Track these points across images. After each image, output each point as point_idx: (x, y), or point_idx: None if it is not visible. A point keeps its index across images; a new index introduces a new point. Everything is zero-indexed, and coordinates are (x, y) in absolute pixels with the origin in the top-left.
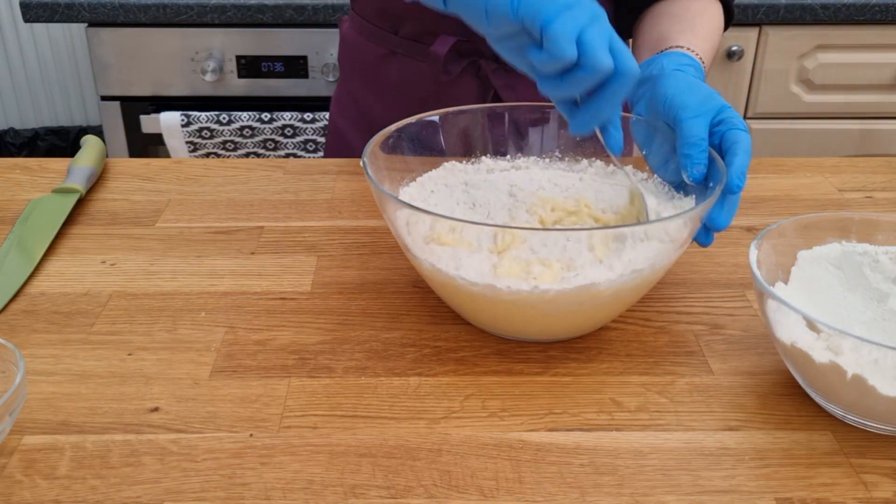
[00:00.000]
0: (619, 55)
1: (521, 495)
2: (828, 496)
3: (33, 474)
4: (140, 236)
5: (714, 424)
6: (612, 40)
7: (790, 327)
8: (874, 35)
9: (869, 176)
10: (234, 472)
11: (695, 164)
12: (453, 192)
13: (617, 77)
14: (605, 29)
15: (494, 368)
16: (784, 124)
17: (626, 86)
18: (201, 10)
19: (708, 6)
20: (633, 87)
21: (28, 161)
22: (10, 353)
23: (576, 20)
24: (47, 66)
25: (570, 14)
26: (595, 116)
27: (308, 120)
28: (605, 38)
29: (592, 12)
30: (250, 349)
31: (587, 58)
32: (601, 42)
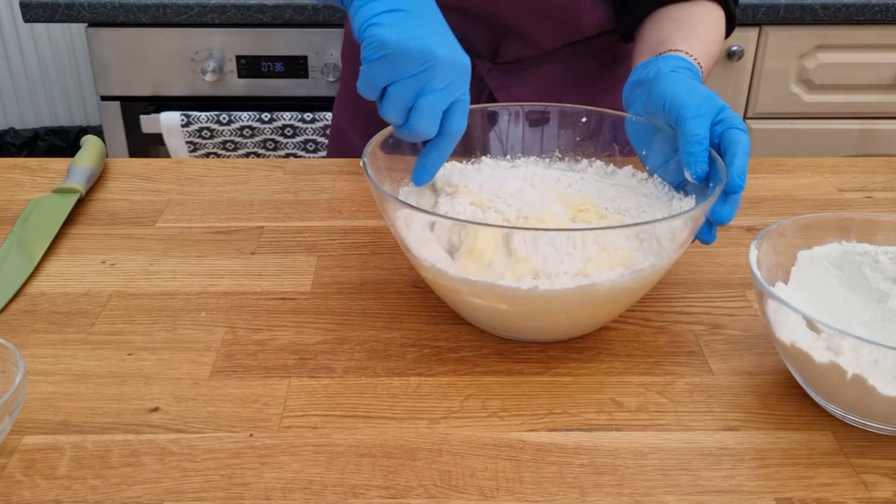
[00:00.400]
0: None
1: (521, 495)
2: (828, 496)
3: (33, 474)
4: (140, 236)
5: (714, 424)
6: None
7: (790, 327)
8: (874, 35)
9: (869, 176)
10: (234, 472)
11: (698, 163)
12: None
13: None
14: (433, 99)
15: (494, 368)
16: (784, 124)
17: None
18: (201, 10)
19: (710, 12)
20: (629, 89)
21: (28, 161)
22: (10, 353)
23: (405, 92)
24: (47, 66)
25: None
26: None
27: (308, 120)
28: (436, 106)
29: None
30: (250, 349)
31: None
32: (433, 110)
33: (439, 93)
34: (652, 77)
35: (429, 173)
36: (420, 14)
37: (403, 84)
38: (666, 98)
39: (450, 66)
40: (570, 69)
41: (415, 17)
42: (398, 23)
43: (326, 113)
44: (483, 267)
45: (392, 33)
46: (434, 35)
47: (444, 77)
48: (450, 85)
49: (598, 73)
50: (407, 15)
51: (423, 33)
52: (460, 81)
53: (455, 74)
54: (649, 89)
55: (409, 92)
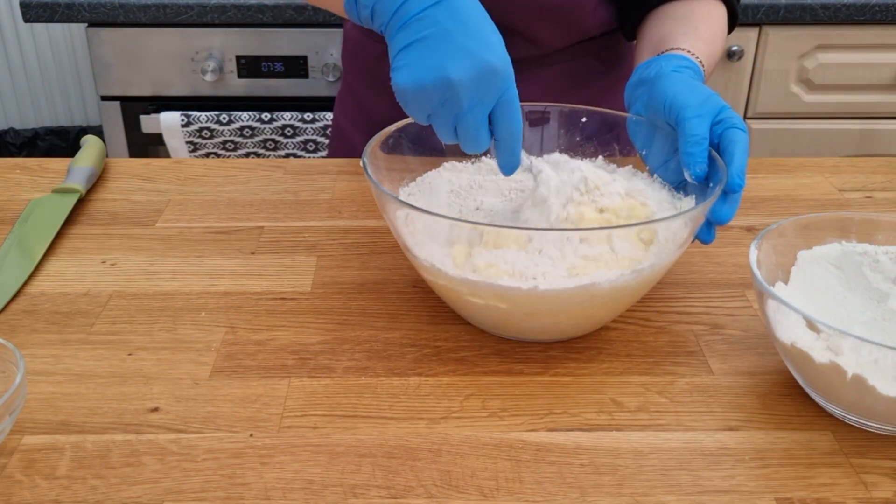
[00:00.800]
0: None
1: (521, 495)
2: (828, 496)
3: (33, 474)
4: (140, 236)
5: (714, 424)
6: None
7: (790, 327)
8: (874, 35)
9: (869, 176)
10: (234, 472)
11: (697, 163)
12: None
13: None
14: (473, 115)
15: (494, 368)
16: (784, 124)
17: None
18: (201, 10)
19: (712, 9)
20: (631, 88)
21: (28, 161)
22: (10, 353)
23: (446, 119)
24: (47, 66)
25: (441, 111)
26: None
27: (308, 120)
28: (471, 126)
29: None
30: (250, 349)
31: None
32: (471, 130)
33: (469, 114)
34: (653, 76)
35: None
36: (441, 34)
37: (437, 116)
38: (666, 98)
39: (474, 82)
40: (572, 69)
41: (433, 41)
42: (412, 61)
43: (326, 113)
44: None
45: (406, 77)
46: (453, 55)
47: (469, 95)
48: (480, 100)
49: (600, 73)
50: (423, 45)
51: (439, 61)
52: (493, 88)
53: (486, 85)
54: (651, 89)
55: (447, 119)
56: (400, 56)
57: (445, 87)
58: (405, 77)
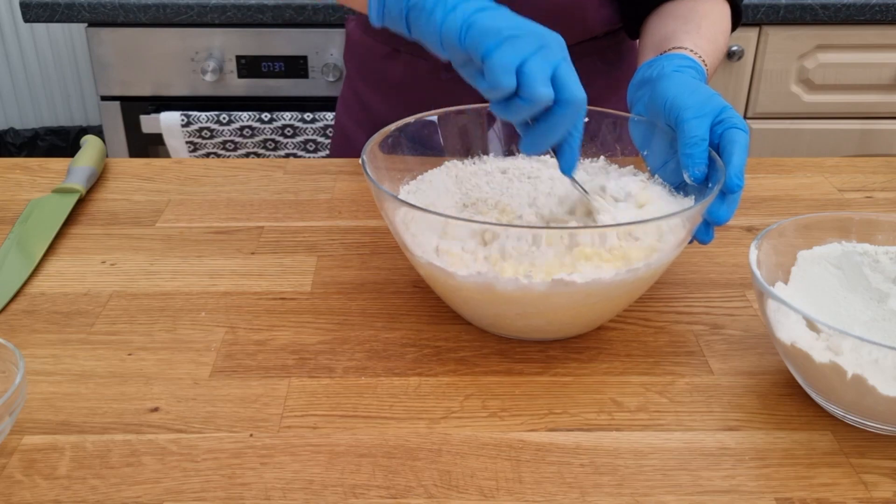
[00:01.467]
0: (564, 85)
1: (521, 495)
2: (828, 496)
3: (33, 474)
4: (140, 236)
5: (714, 424)
6: (558, 69)
7: (790, 327)
8: (874, 35)
9: (869, 176)
10: (234, 472)
11: (696, 164)
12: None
13: (560, 105)
14: (549, 59)
15: (494, 368)
16: (784, 124)
17: (570, 114)
18: (201, 10)
19: (715, 7)
20: (633, 88)
21: (28, 161)
22: (10, 353)
23: (517, 51)
24: (47, 66)
25: (510, 45)
26: (541, 141)
27: (308, 120)
28: (545, 69)
29: (539, 42)
30: (250, 349)
31: (525, 88)
32: (540, 73)
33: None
34: (655, 76)
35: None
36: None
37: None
38: (667, 98)
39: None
40: (575, 69)
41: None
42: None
43: (326, 113)
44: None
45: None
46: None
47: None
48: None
49: (602, 72)
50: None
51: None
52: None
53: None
54: (652, 89)
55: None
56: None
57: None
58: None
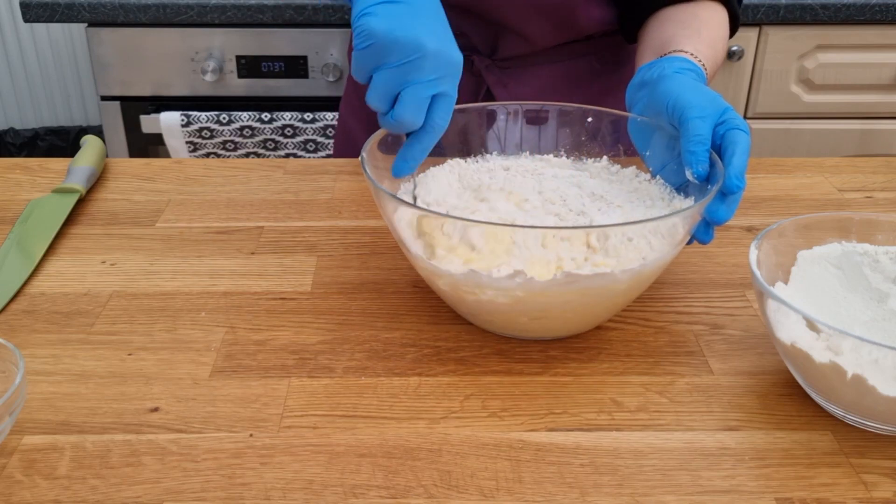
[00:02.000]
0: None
1: (521, 495)
2: (828, 496)
3: (33, 474)
4: (140, 236)
5: (714, 424)
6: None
7: (790, 327)
8: (874, 35)
9: (869, 176)
10: (234, 472)
11: (699, 162)
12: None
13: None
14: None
15: (494, 368)
16: (784, 124)
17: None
18: (201, 10)
19: (714, 13)
20: (632, 89)
21: (28, 161)
22: (10, 353)
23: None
24: (47, 66)
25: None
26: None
27: (308, 120)
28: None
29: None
30: (250, 349)
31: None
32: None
33: (425, 84)
34: (656, 78)
35: (408, 166)
36: (417, 7)
37: (389, 73)
38: (670, 98)
39: (439, 59)
40: (570, 68)
41: (410, 8)
42: (391, 14)
43: (326, 113)
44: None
45: (381, 23)
46: (427, 28)
47: (432, 69)
48: (438, 78)
49: (599, 73)
50: (402, 6)
51: (415, 25)
52: (449, 77)
53: (444, 69)
54: (653, 89)
55: (395, 81)
56: (378, 7)
57: (415, 49)
58: (382, 24)
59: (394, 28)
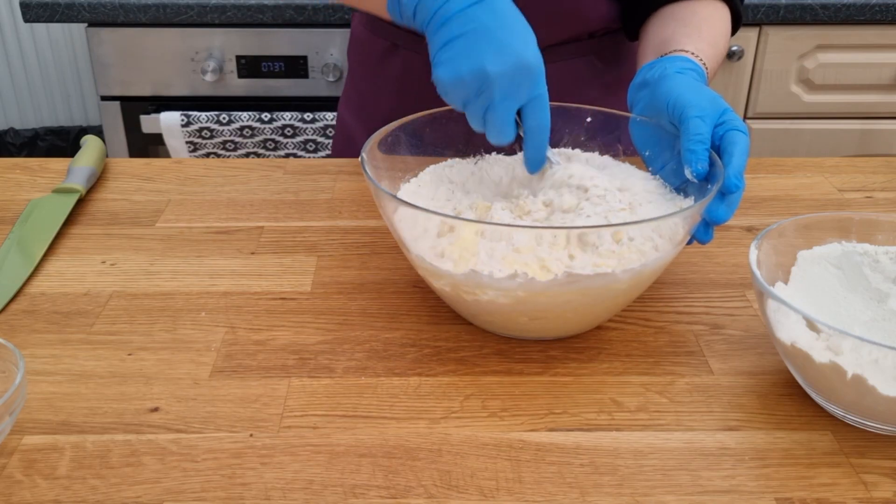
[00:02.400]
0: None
1: (521, 495)
2: (828, 496)
3: (33, 474)
4: (140, 236)
5: (714, 424)
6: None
7: (790, 327)
8: (874, 35)
9: (869, 176)
10: (234, 472)
11: (699, 160)
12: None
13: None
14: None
15: (494, 368)
16: (784, 124)
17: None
18: (201, 10)
19: (716, 11)
20: (633, 90)
21: (28, 161)
22: (10, 353)
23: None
24: (47, 66)
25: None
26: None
27: (308, 120)
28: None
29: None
30: (250, 349)
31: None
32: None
33: (501, 105)
34: (657, 78)
35: (535, 166)
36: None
37: (471, 107)
38: (670, 97)
39: (508, 76)
40: (573, 68)
41: (473, 37)
42: (453, 56)
43: (326, 113)
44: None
45: (446, 71)
46: (490, 48)
47: (503, 89)
48: (512, 94)
49: (600, 72)
50: (464, 40)
51: (477, 54)
52: (526, 84)
53: (519, 80)
54: (654, 89)
55: (478, 111)
56: (442, 51)
57: (482, 78)
58: (445, 72)
59: (457, 70)
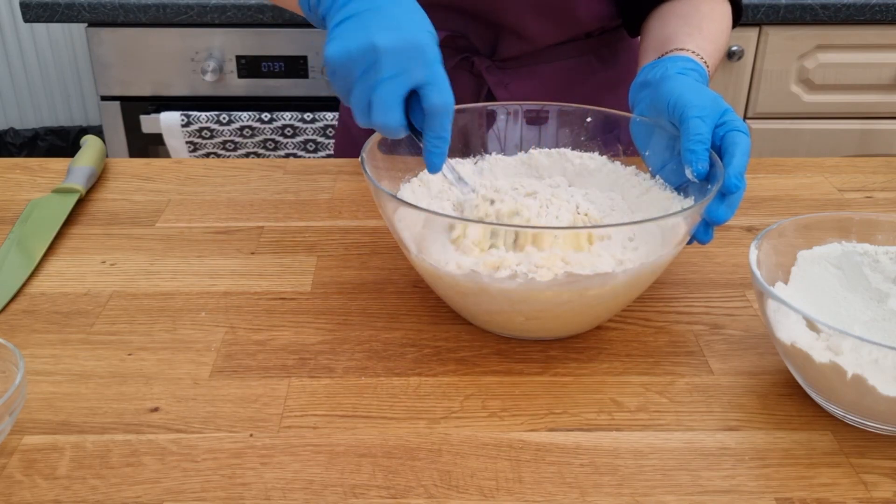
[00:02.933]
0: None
1: (521, 495)
2: (828, 496)
3: (33, 474)
4: (140, 236)
5: (714, 424)
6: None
7: (790, 327)
8: (874, 35)
9: (869, 176)
10: (234, 472)
11: (699, 160)
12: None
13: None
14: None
15: (494, 368)
16: (784, 124)
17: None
18: (201, 10)
19: (716, 6)
20: (634, 90)
21: (28, 161)
22: (10, 353)
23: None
24: (47, 66)
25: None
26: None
27: (308, 120)
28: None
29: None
30: (250, 349)
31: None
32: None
33: (389, 81)
34: (658, 78)
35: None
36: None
37: (358, 87)
38: (671, 97)
39: (399, 51)
40: (570, 67)
41: (366, 16)
42: (344, 32)
43: (326, 113)
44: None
45: (335, 47)
46: (381, 25)
47: (393, 64)
48: (404, 71)
49: (599, 71)
50: (356, 19)
51: (367, 30)
52: (418, 63)
53: (409, 57)
54: (655, 90)
55: (364, 92)
56: (333, 31)
57: (370, 51)
58: (334, 48)
59: (345, 46)
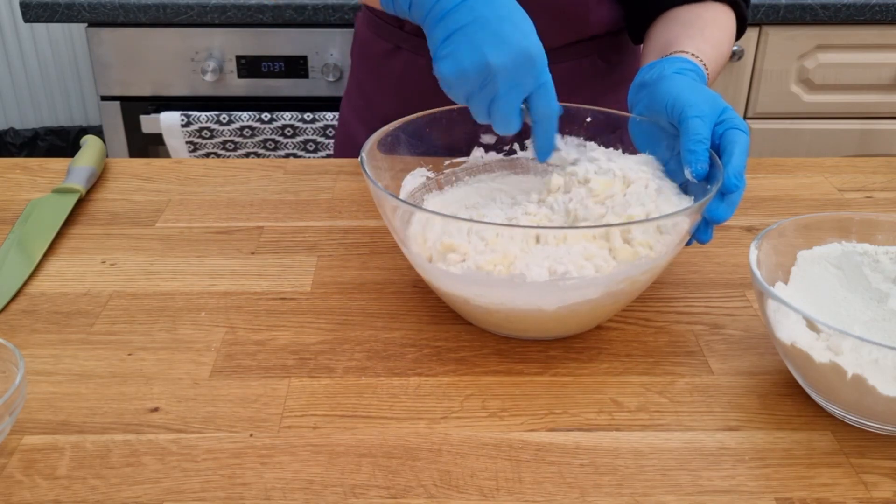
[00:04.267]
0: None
1: (521, 495)
2: (828, 496)
3: (33, 474)
4: (140, 236)
5: (714, 424)
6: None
7: (790, 327)
8: (874, 35)
9: (869, 176)
10: (234, 472)
11: (699, 160)
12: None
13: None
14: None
15: (494, 368)
16: (784, 124)
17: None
18: (201, 10)
19: (720, 14)
20: (634, 90)
21: (28, 161)
22: (10, 353)
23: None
24: (47, 66)
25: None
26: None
27: (308, 120)
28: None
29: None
30: (250, 349)
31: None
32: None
33: (504, 97)
34: (656, 78)
35: (544, 154)
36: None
37: (476, 99)
38: (669, 97)
39: (511, 67)
40: (575, 68)
41: (472, 30)
42: (455, 50)
43: (326, 113)
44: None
45: (449, 66)
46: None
47: (507, 81)
48: (517, 84)
49: (603, 72)
50: (464, 33)
51: (478, 47)
52: (530, 73)
53: (522, 70)
54: (653, 90)
55: (483, 103)
56: (442, 46)
57: (485, 71)
58: (448, 66)
59: (460, 64)
